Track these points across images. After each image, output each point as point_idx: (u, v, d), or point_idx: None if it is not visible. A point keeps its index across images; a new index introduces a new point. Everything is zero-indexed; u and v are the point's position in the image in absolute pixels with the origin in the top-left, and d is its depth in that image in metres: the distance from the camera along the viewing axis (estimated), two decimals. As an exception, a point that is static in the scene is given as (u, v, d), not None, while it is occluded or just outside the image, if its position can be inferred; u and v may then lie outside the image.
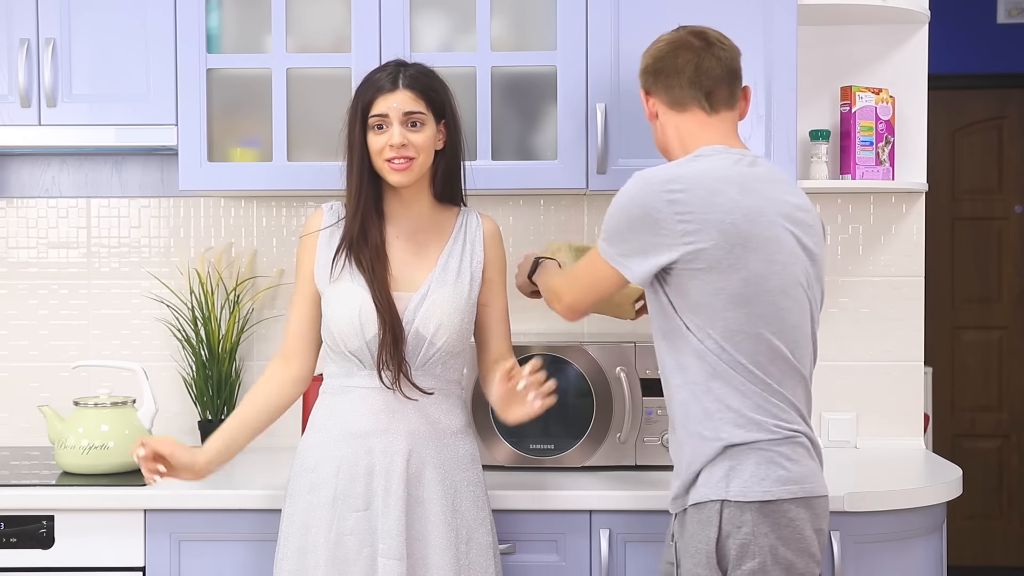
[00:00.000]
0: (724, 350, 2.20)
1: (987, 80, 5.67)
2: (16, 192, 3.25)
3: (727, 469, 2.20)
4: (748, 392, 2.20)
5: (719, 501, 2.19)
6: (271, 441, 3.18)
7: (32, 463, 2.92)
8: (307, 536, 2.35)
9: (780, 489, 2.18)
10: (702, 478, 2.22)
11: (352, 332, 2.34)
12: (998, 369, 5.72)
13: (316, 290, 2.42)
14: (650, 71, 2.38)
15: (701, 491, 2.22)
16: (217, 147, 2.90)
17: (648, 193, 2.21)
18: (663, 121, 2.38)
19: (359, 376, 2.38)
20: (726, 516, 2.19)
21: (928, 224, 3.35)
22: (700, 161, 2.26)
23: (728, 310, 2.19)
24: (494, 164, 2.83)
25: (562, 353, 2.77)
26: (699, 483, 2.23)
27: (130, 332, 3.24)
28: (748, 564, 2.18)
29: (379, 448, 2.35)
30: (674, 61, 2.34)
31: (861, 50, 3.16)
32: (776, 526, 2.18)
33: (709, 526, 2.20)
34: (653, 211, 2.20)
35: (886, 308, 3.19)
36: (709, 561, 2.20)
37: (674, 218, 2.19)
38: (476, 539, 2.39)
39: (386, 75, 2.38)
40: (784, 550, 2.19)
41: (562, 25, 2.82)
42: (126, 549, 2.61)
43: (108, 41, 2.88)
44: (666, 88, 2.35)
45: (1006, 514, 5.71)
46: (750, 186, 2.23)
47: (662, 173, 2.23)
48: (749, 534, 2.18)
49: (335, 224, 2.43)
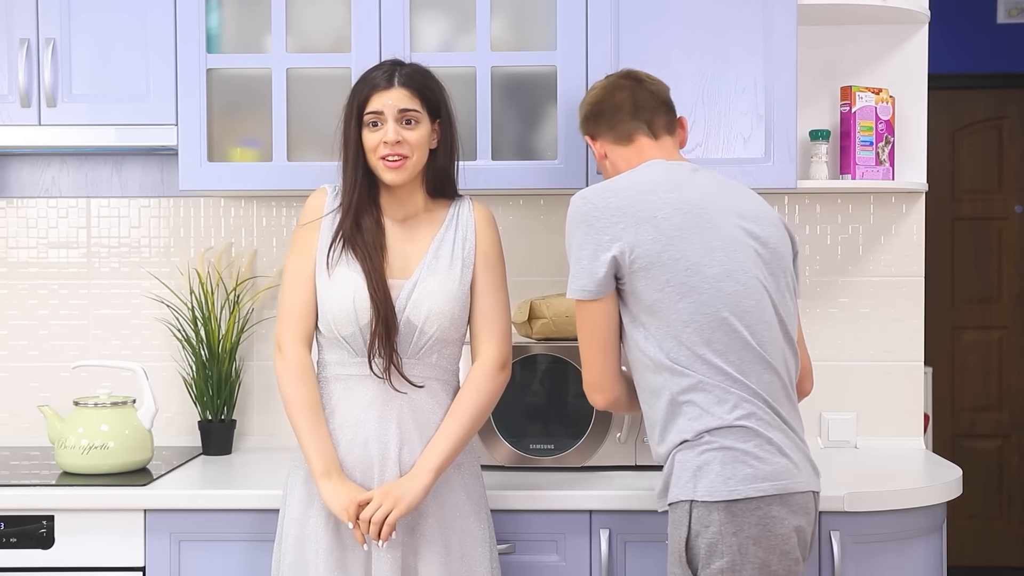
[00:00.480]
0: (682, 344, 2.24)
1: (987, 80, 5.67)
2: (16, 192, 3.25)
3: (694, 470, 2.22)
4: (707, 386, 2.23)
5: (688, 501, 2.22)
6: (271, 441, 3.19)
7: (32, 463, 2.92)
8: (304, 529, 2.35)
9: (748, 487, 2.20)
10: (673, 479, 2.25)
11: (346, 318, 2.35)
12: (998, 369, 5.72)
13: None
14: (591, 116, 2.50)
15: (673, 492, 2.25)
16: (217, 147, 2.90)
17: (585, 205, 2.32)
18: (612, 159, 2.48)
19: (351, 364, 2.38)
20: (695, 516, 2.21)
21: (928, 224, 3.35)
22: (635, 172, 2.38)
23: (678, 301, 2.25)
24: (494, 164, 2.84)
25: (562, 353, 2.77)
26: (671, 484, 2.26)
27: (130, 332, 3.24)
28: (717, 563, 2.20)
29: (373, 439, 2.35)
30: (612, 100, 2.47)
31: (861, 50, 3.16)
32: (745, 525, 2.20)
33: (680, 526, 2.24)
34: (592, 219, 2.30)
35: (886, 308, 3.19)
36: (680, 560, 2.24)
37: (611, 220, 2.28)
38: (470, 531, 2.39)
39: (382, 73, 2.39)
40: (755, 548, 2.20)
41: (562, 25, 2.82)
42: (126, 549, 2.61)
43: (108, 41, 2.88)
44: (609, 127, 2.47)
45: (1006, 514, 5.71)
46: (685, 183, 2.34)
47: (596, 187, 2.35)
48: (716, 533, 2.20)
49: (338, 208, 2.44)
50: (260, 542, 2.59)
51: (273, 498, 2.55)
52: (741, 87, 2.82)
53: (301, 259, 2.42)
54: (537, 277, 3.20)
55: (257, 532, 2.59)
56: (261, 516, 2.58)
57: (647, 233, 2.26)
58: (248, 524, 2.60)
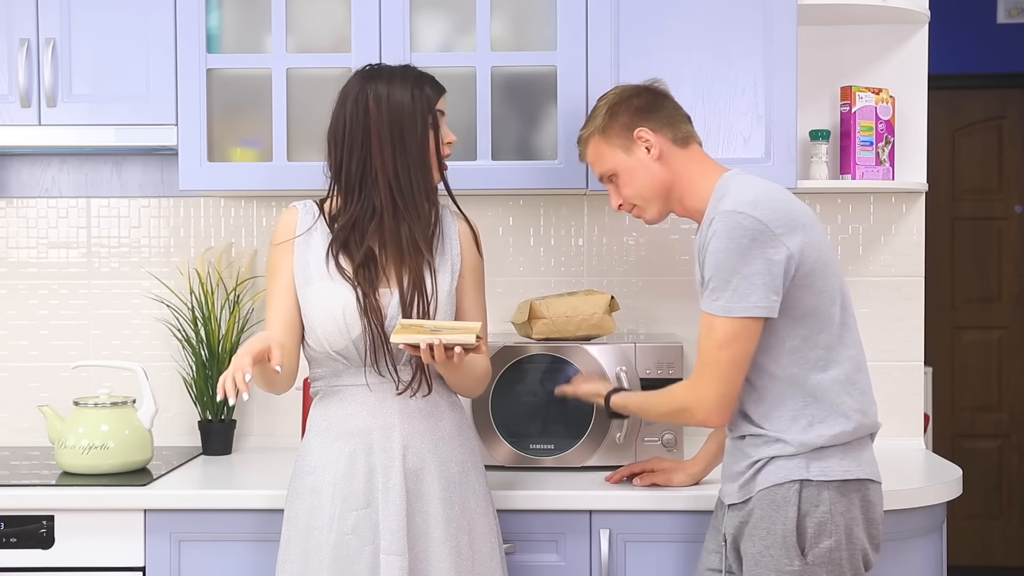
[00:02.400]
0: (827, 346, 2.26)
1: (987, 80, 5.67)
2: (16, 192, 3.26)
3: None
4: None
5: (798, 481, 2.23)
6: (271, 441, 3.19)
7: (32, 463, 2.92)
8: (310, 538, 2.34)
9: (858, 469, 2.25)
10: (777, 462, 2.26)
11: (337, 332, 2.33)
12: (998, 369, 5.72)
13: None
14: (647, 107, 2.39)
15: (780, 473, 2.25)
16: (217, 147, 2.90)
17: (746, 219, 2.20)
18: (668, 159, 2.38)
19: (346, 375, 2.38)
20: (805, 496, 2.23)
21: (928, 224, 3.36)
22: (755, 180, 2.31)
23: (831, 306, 2.26)
24: (494, 164, 2.84)
25: (562, 353, 2.77)
26: (769, 468, 2.26)
27: (130, 332, 3.24)
28: (825, 543, 2.22)
29: (377, 445, 2.35)
30: (661, 99, 2.41)
31: (861, 50, 3.16)
32: (851, 506, 2.24)
33: (787, 506, 2.23)
34: (759, 232, 2.20)
35: (886, 308, 3.19)
36: (786, 542, 2.23)
37: (779, 230, 2.21)
38: (478, 529, 2.39)
39: (425, 74, 2.42)
40: (858, 531, 2.25)
41: (562, 25, 2.82)
42: (126, 549, 2.61)
43: (108, 41, 2.88)
44: (669, 123, 2.39)
45: (1006, 514, 5.71)
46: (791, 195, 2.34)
47: (749, 200, 2.22)
48: (827, 512, 2.22)
49: (314, 224, 2.42)
50: (260, 542, 2.59)
51: (273, 498, 2.55)
52: (741, 87, 2.82)
53: (278, 282, 2.40)
54: (536, 278, 3.20)
55: (257, 532, 2.59)
56: (261, 516, 2.58)
57: (808, 239, 2.24)
58: (248, 524, 2.60)
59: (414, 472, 2.35)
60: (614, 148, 2.39)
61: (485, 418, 2.77)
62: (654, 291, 3.20)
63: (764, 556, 2.24)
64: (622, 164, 2.39)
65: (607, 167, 2.41)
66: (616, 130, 2.39)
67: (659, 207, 2.41)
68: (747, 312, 2.20)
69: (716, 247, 2.21)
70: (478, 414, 2.76)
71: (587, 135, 2.44)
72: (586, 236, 3.20)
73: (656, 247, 3.20)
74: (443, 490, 2.36)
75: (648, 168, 2.38)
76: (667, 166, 2.38)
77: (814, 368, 2.26)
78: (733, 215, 2.20)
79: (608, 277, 3.20)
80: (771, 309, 2.21)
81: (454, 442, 2.40)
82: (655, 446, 2.77)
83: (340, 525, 2.33)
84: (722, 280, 2.21)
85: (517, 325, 2.86)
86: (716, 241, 2.22)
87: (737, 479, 2.31)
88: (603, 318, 2.79)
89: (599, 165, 2.43)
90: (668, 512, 2.57)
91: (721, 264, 2.21)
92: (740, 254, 2.19)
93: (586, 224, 3.20)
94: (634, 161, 2.38)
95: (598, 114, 2.42)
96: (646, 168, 2.38)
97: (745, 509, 2.29)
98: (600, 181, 2.47)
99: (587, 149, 2.45)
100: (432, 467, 2.36)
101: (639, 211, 2.43)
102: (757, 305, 2.20)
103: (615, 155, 2.40)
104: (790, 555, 2.22)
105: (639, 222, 3.18)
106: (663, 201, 2.40)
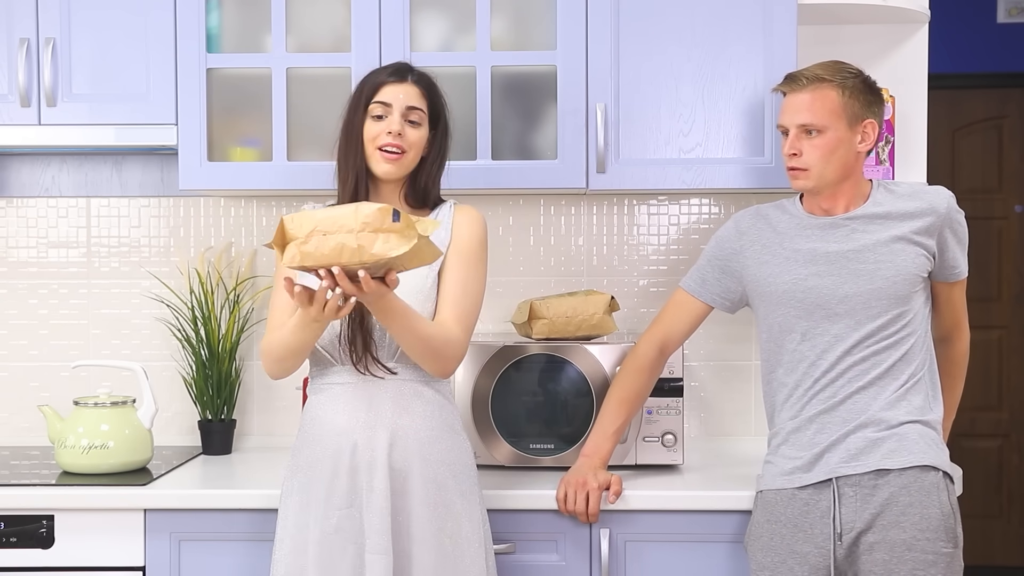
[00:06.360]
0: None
1: (987, 80, 5.67)
2: (16, 192, 3.26)
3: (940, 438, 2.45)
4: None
5: (941, 468, 2.39)
6: (271, 441, 3.20)
7: (32, 463, 2.92)
8: (299, 536, 2.35)
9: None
10: (928, 444, 2.42)
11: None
12: (998, 369, 5.72)
13: None
14: (880, 111, 2.44)
15: (930, 455, 2.40)
16: (217, 147, 2.90)
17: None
18: (862, 158, 2.45)
19: (333, 373, 2.39)
20: (946, 482, 2.40)
21: (928, 224, 3.35)
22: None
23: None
24: (494, 164, 2.84)
25: (562, 353, 2.77)
26: (924, 449, 2.40)
27: (130, 332, 3.24)
28: (959, 529, 2.39)
29: (362, 443, 2.34)
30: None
31: (861, 50, 3.15)
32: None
33: (940, 491, 2.38)
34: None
35: (886, 308, 3.18)
36: (948, 529, 2.36)
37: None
38: (463, 533, 2.38)
39: (395, 68, 2.43)
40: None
41: (562, 25, 2.82)
42: (126, 549, 2.61)
43: (108, 40, 2.88)
44: (879, 115, 2.45)
45: (1006, 514, 5.71)
46: None
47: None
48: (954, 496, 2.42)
49: None
50: (260, 542, 2.59)
51: (273, 498, 2.55)
52: (741, 87, 2.82)
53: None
54: (536, 278, 3.20)
55: (257, 532, 2.59)
56: (261, 516, 2.58)
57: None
58: (248, 524, 2.60)
59: (399, 471, 2.34)
60: (843, 113, 2.37)
61: (485, 418, 2.77)
62: (654, 291, 3.20)
63: (919, 540, 2.33)
64: (838, 131, 2.38)
65: (823, 122, 2.37)
66: (859, 102, 2.38)
67: (824, 185, 2.40)
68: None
69: (965, 227, 2.45)
70: (478, 414, 2.76)
71: (829, 80, 2.38)
72: (586, 236, 3.20)
73: (656, 247, 3.20)
74: (425, 491, 2.35)
75: (851, 152, 2.40)
76: (859, 162, 2.42)
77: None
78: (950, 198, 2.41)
79: (608, 277, 3.20)
80: None
81: (441, 443, 2.39)
82: (655, 445, 2.77)
83: (324, 524, 2.33)
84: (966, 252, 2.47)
85: (517, 325, 2.86)
86: (964, 225, 2.44)
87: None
88: (603, 318, 2.79)
89: (815, 113, 2.36)
90: (668, 512, 2.57)
91: (964, 238, 2.46)
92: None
93: (586, 224, 3.20)
94: (848, 138, 2.38)
95: (848, 75, 2.38)
96: (849, 151, 2.39)
97: (879, 496, 2.36)
98: (782, 129, 2.43)
99: (818, 92, 2.37)
100: (417, 467, 2.35)
101: (804, 176, 2.40)
102: None
103: (839, 120, 2.38)
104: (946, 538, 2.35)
105: (639, 222, 3.18)
106: (834, 184, 2.41)
